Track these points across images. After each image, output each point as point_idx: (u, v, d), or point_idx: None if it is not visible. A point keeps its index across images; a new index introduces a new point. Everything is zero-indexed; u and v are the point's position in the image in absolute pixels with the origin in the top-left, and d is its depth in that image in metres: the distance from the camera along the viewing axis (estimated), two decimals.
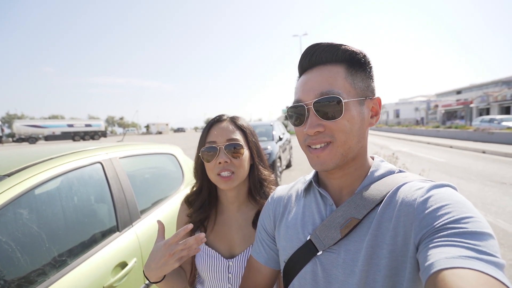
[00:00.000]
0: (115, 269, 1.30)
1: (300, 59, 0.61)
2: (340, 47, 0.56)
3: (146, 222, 1.67)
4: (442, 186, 0.50)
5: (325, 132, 0.56)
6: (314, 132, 0.56)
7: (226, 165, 0.84)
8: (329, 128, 0.56)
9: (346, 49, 0.57)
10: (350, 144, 0.57)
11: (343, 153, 0.56)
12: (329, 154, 0.56)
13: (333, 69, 0.57)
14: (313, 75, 0.58)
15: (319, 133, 0.56)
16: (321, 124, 0.56)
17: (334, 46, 0.57)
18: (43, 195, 1.25)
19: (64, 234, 1.25)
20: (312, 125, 0.56)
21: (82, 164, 1.44)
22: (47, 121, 39.21)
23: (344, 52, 0.57)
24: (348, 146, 0.56)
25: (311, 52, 0.58)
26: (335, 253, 0.56)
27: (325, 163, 0.57)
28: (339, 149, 0.56)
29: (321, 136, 0.56)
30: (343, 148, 0.56)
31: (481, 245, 0.38)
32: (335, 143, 0.56)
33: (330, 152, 0.56)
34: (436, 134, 18.08)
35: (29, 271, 1.03)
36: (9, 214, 1.06)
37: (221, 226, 0.93)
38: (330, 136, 0.56)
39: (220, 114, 0.93)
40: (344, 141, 0.56)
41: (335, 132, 0.55)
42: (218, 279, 0.87)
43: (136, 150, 1.98)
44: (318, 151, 0.57)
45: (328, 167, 0.57)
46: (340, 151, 0.56)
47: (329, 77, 0.56)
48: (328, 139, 0.56)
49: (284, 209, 0.72)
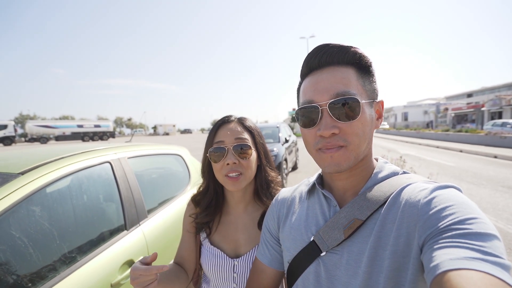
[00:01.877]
0: (122, 267, 1.32)
1: (307, 58, 0.60)
2: (350, 49, 0.56)
3: (153, 221, 1.70)
4: (446, 187, 0.49)
5: (339, 134, 0.55)
6: (330, 133, 0.54)
7: (234, 166, 0.84)
8: (343, 131, 0.55)
9: (356, 52, 0.57)
10: (363, 147, 0.57)
11: (355, 156, 0.56)
12: (343, 156, 0.55)
13: (345, 71, 0.57)
14: (326, 75, 0.57)
15: (334, 135, 0.55)
16: (336, 126, 0.55)
17: (344, 47, 0.57)
18: (54, 193, 1.29)
19: (74, 231, 1.28)
20: (328, 126, 0.55)
21: (92, 163, 1.48)
22: (58, 122, 40.03)
23: (354, 54, 0.57)
24: (362, 148, 0.57)
25: (321, 52, 0.57)
26: (338, 254, 0.56)
27: (339, 164, 0.56)
28: (353, 152, 0.55)
29: (335, 139, 0.55)
30: (358, 151, 0.56)
31: (486, 246, 0.38)
32: (348, 146, 0.55)
33: (344, 154, 0.55)
34: (446, 138, 17.74)
35: (41, 267, 1.06)
36: (22, 211, 1.09)
37: (227, 226, 0.93)
38: (344, 140, 0.55)
39: (228, 115, 0.93)
40: (357, 144, 0.55)
41: (348, 136, 0.55)
42: (223, 279, 0.87)
43: (143, 151, 2.01)
44: (332, 151, 0.55)
45: (341, 169, 0.56)
46: (354, 154, 0.55)
47: (343, 78, 0.56)
48: (342, 143, 0.55)
49: (288, 211, 0.72)
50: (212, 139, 0.89)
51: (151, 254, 0.70)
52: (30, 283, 1.00)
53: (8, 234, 1.02)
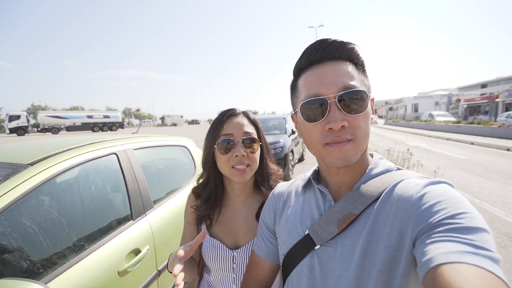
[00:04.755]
0: (129, 255, 1.37)
1: (307, 52, 0.59)
2: (349, 45, 0.58)
3: (158, 212, 1.74)
4: (439, 183, 0.50)
5: (347, 128, 0.54)
6: (340, 126, 0.54)
7: (242, 158, 0.85)
8: (351, 124, 0.55)
9: (353, 48, 0.58)
10: (367, 140, 0.58)
11: (361, 149, 0.57)
12: (351, 150, 0.55)
13: (347, 66, 0.58)
14: (330, 69, 0.57)
15: (343, 129, 0.54)
16: (345, 119, 0.54)
17: (345, 43, 0.58)
18: (63, 183, 1.33)
19: (82, 220, 1.32)
20: (338, 119, 0.54)
21: (99, 154, 1.51)
22: (68, 112, 40.90)
23: (352, 51, 0.58)
24: (366, 142, 0.58)
25: (323, 46, 0.57)
26: (332, 247, 0.58)
27: (348, 158, 0.55)
28: (360, 146, 0.56)
29: (344, 132, 0.54)
30: (362, 145, 0.57)
31: (477, 240, 0.39)
32: (356, 140, 0.55)
33: (352, 148, 0.55)
34: (457, 130, 17.29)
35: (51, 254, 1.11)
36: (32, 200, 1.13)
37: (227, 217, 0.95)
38: (352, 133, 0.55)
39: (232, 108, 0.93)
40: (363, 137, 0.56)
41: (356, 129, 0.55)
42: (223, 269, 0.90)
43: (149, 142, 2.04)
44: (341, 145, 0.55)
45: (349, 163, 0.56)
46: (360, 148, 0.56)
47: (347, 72, 0.57)
48: (350, 136, 0.54)
49: (284, 205, 0.74)
50: (219, 131, 0.89)
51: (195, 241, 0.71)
52: (41, 268, 1.05)
53: (19, 222, 1.06)
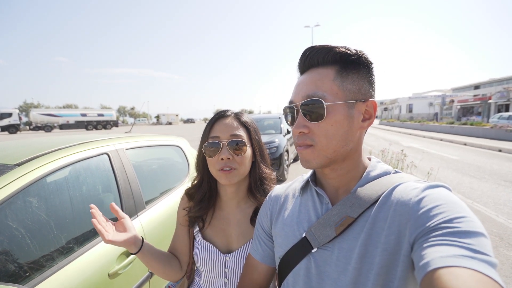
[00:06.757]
0: (120, 257, 1.35)
1: (298, 61, 0.63)
2: (332, 49, 0.57)
3: (151, 212, 1.72)
4: (437, 187, 0.50)
5: (308, 134, 0.58)
6: (299, 132, 0.59)
7: (228, 161, 0.84)
8: (312, 131, 0.58)
9: (337, 51, 0.57)
10: (335, 148, 0.57)
11: (327, 155, 0.58)
12: (311, 154, 0.59)
13: (323, 72, 0.58)
14: (305, 77, 0.61)
15: (303, 134, 0.59)
16: (306, 125, 0.58)
17: (326, 48, 0.58)
18: (52, 184, 1.30)
19: (71, 222, 1.30)
20: (299, 125, 0.59)
21: (90, 154, 1.48)
22: (62, 110, 40.25)
23: (335, 54, 0.57)
24: (332, 149, 0.58)
25: (305, 56, 0.61)
26: (329, 250, 0.57)
27: (309, 161, 0.59)
28: (322, 152, 0.58)
29: (304, 138, 0.59)
30: (326, 152, 0.58)
31: (474, 244, 0.39)
32: (316, 146, 0.58)
33: (312, 153, 0.58)
34: (450, 130, 17.55)
35: (38, 257, 1.08)
36: (19, 202, 1.10)
37: (220, 221, 0.94)
38: (311, 139, 0.58)
39: (224, 110, 0.92)
40: (325, 145, 0.57)
41: (316, 136, 0.57)
42: (215, 273, 0.88)
43: (142, 142, 2.01)
44: (301, 148, 0.60)
45: (311, 166, 0.60)
46: (323, 153, 0.58)
47: (317, 79, 0.58)
48: (309, 142, 0.58)
49: (281, 207, 0.73)
50: (208, 133, 0.89)
51: None
52: (28, 272, 1.03)
53: (5, 225, 1.04)
